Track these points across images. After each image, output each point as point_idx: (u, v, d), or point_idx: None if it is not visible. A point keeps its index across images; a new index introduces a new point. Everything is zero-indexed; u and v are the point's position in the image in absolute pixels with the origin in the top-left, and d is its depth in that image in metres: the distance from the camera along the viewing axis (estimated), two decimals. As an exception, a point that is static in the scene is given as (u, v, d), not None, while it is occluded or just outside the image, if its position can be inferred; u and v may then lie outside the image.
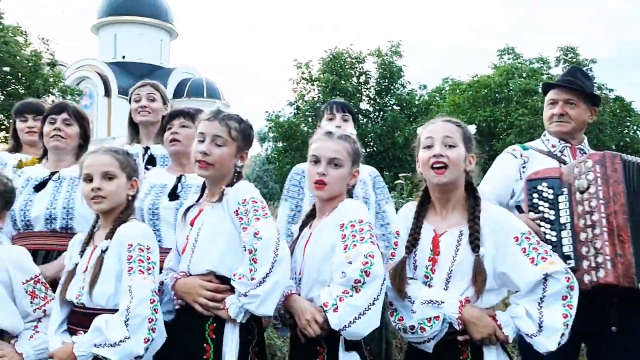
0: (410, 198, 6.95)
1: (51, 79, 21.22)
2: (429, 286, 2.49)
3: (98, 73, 36.87)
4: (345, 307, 2.28)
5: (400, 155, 18.64)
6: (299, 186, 3.72)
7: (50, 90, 21.15)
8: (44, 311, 2.59)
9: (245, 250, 2.43)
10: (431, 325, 2.40)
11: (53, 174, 3.26)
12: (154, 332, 2.34)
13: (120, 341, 2.30)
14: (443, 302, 2.41)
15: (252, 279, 2.37)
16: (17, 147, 3.91)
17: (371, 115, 20.91)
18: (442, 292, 2.44)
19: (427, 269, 2.50)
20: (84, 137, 3.37)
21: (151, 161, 3.59)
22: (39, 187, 3.19)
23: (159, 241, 2.94)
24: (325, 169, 2.56)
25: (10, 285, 2.52)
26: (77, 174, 3.23)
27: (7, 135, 20.91)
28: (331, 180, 2.55)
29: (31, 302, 2.57)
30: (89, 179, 2.57)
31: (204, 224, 2.58)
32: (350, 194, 2.69)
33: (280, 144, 20.73)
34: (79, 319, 2.48)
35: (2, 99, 20.63)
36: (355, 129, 3.66)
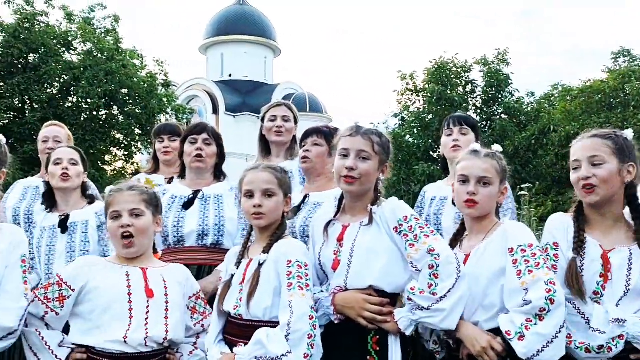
0: (532, 210, 6.72)
1: (165, 99, 22.28)
2: (597, 303, 2.42)
3: (206, 92, 38.28)
4: (533, 336, 2.26)
5: (510, 165, 17.96)
6: (420, 207, 3.71)
7: (165, 109, 22.20)
8: (202, 326, 2.73)
9: (412, 265, 2.48)
10: (616, 345, 2.33)
11: (197, 192, 3.40)
12: (312, 347, 2.39)
13: (282, 355, 2.36)
14: (626, 321, 2.33)
15: (433, 293, 2.40)
16: (156, 168, 4.14)
17: (478, 125, 20.48)
18: (619, 311, 2.37)
19: (598, 285, 2.42)
20: (221, 156, 3.52)
21: None
22: (187, 205, 3.34)
23: None
24: (475, 188, 2.55)
25: (182, 300, 2.70)
26: (220, 192, 3.39)
27: (126, 153, 22.25)
28: (482, 199, 2.56)
29: (192, 317, 2.72)
30: (249, 194, 2.66)
31: (357, 241, 2.61)
32: (497, 213, 2.66)
33: (385, 156, 20.65)
34: (237, 329, 2.57)
35: (121, 119, 21.87)
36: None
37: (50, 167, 3.52)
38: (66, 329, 2.67)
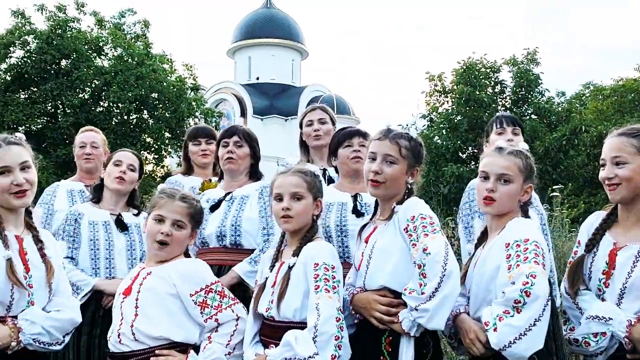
0: (565, 211, 6.64)
1: (194, 103, 22.49)
2: (602, 300, 2.45)
3: (234, 95, 38.55)
4: (504, 327, 2.27)
5: (541, 166, 17.87)
6: (469, 202, 3.67)
7: (194, 113, 22.41)
8: (216, 320, 2.67)
9: (415, 265, 2.47)
10: (597, 341, 2.38)
11: (227, 194, 3.46)
12: (340, 349, 2.42)
13: (309, 357, 2.38)
14: (611, 319, 2.36)
15: (422, 293, 2.41)
16: (189, 169, 4.18)
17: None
18: (613, 309, 2.39)
19: (600, 282, 2.47)
20: (254, 157, 3.55)
21: (329, 183, 3.70)
22: (214, 207, 3.41)
23: (347, 257, 3.04)
24: (494, 185, 2.54)
25: (179, 298, 2.66)
26: (248, 193, 3.44)
27: (156, 156, 22.50)
28: (500, 197, 2.54)
29: (201, 312, 2.65)
30: (278, 198, 2.69)
31: (377, 242, 2.64)
32: (525, 211, 2.64)
33: (413, 158, 20.48)
34: (269, 331, 2.61)
35: (151, 123, 22.15)
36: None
37: (109, 167, 3.59)
38: None
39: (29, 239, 2.62)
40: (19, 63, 20.83)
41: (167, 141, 22.29)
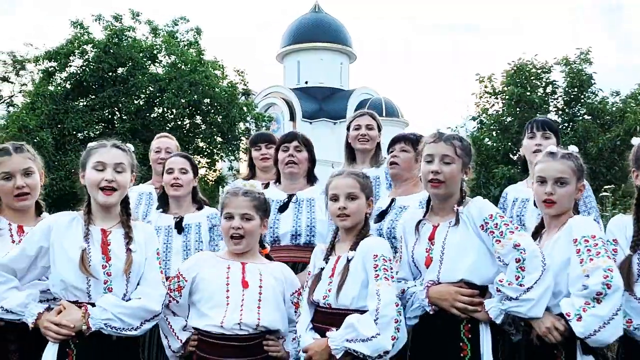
0: (615, 211, 6.63)
1: (245, 108, 22.90)
2: None
3: (284, 99, 38.94)
4: (590, 317, 2.48)
5: (594, 167, 17.56)
6: (502, 208, 3.85)
7: (245, 118, 22.82)
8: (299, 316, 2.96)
9: (499, 259, 2.69)
10: None
11: (291, 196, 3.70)
12: (398, 331, 2.65)
13: (372, 337, 2.62)
14: None
15: (521, 285, 2.60)
16: (252, 174, 4.44)
17: (560, 127, 19.92)
18: None
19: None
20: (312, 161, 3.77)
21: None
22: (282, 208, 3.64)
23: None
24: (552, 188, 2.76)
25: (283, 296, 2.99)
26: (312, 196, 3.67)
27: (209, 160, 22.97)
28: (559, 199, 2.76)
29: (295, 311, 2.99)
30: (334, 198, 2.93)
31: (448, 240, 2.83)
32: (576, 207, 2.80)
33: (463, 160, 20.39)
34: (324, 317, 2.85)
35: (204, 128, 22.65)
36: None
37: (165, 176, 3.91)
38: None
39: (118, 233, 2.86)
40: (78, 72, 21.61)
41: (219, 145, 22.76)
